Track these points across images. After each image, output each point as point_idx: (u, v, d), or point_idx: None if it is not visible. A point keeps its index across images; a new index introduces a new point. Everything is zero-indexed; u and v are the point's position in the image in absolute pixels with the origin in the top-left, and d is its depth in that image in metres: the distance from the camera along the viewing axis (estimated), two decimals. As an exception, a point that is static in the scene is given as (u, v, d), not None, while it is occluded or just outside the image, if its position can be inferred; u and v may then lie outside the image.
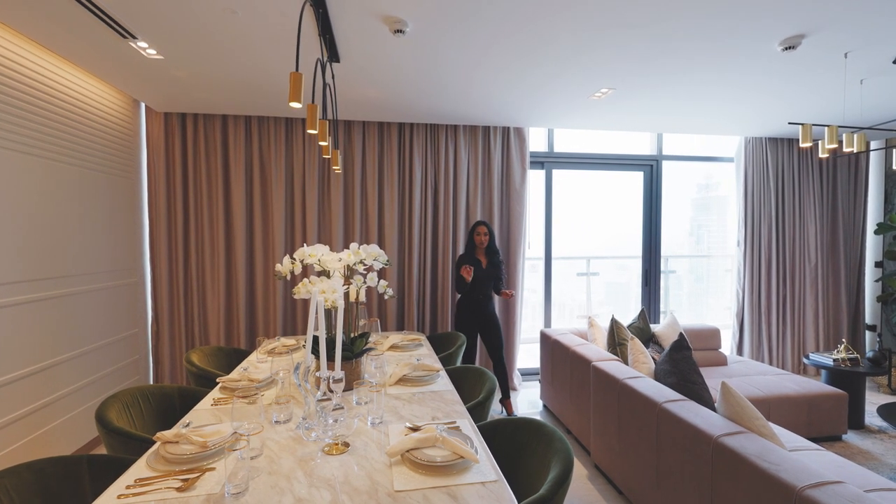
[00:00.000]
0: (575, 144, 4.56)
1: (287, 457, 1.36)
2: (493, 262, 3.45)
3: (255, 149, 3.73)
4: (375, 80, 2.90)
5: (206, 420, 1.64)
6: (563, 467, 1.30)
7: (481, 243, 3.41)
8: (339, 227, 3.85)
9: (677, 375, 2.23)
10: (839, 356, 3.43)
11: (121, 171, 3.27)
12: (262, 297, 3.79)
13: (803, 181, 4.58)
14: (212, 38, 2.27)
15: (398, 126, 3.92)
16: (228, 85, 2.96)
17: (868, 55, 2.56)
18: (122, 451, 1.62)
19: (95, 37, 2.28)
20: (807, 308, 4.59)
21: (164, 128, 3.59)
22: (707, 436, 1.69)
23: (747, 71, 2.79)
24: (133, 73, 2.78)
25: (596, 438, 2.60)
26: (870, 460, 2.81)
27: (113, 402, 1.81)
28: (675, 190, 4.87)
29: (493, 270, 3.45)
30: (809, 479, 1.33)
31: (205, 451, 1.33)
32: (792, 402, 2.98)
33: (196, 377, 2.37)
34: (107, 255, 3.10)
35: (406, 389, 1.98)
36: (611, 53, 2.52)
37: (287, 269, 1.97)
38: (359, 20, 2.08)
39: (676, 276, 5.55)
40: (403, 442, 1.35)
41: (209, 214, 3.70)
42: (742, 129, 4.20)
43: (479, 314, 3.44)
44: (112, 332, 3.15)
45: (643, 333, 3.39)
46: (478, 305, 3.43)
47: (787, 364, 4.56)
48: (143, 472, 1.27)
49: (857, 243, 4.74)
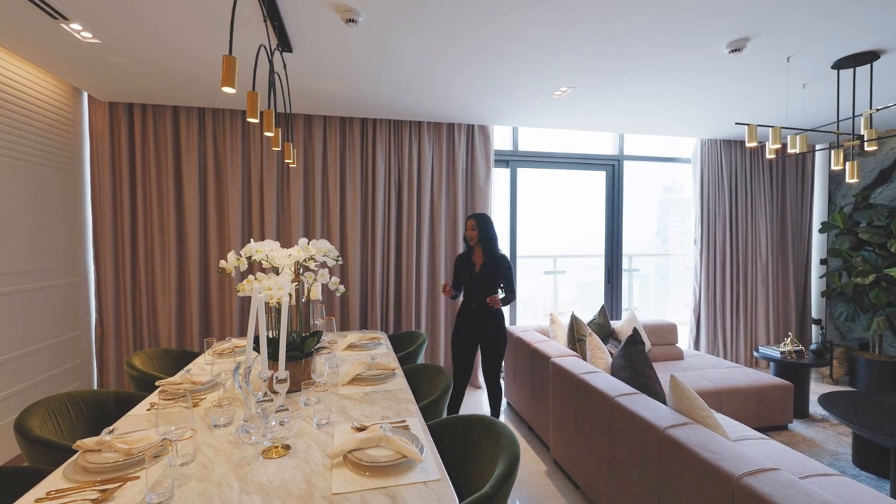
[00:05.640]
0: (540, 143, 4.60)
1: (222, 462, 1.29)
2: (486, 264, 2.82)
3: (210, 143, 3.57)
4: (331, 72, 2.82)
5: (139, 426, 1.54)
6: (508, 464, 1.28)
7: (471, 239, 2.85)
8: (300, 225, 3.74)
9: (631, 370, 2.27)
10: (786, 349, 3.59)
11: (59, 163, 3.06)
12: (216, 297, 3.64)
13: (755, 182, 4.78)
14: (148, 20, 2.14)
15: (360, 121, 3.84)
16: (172, 73, 2.81)
17: (809, 59, 2.68)
18: (44, 463, 1.50)
19: (22, 17, 2.12)
20: (758, 303, 4.80)
21: (109, 118, 3.39)
22: (655, 428, 1.71)
23: (698, 72, 2.87)
24: (69, 58, 2.60)
25: (555, 434, 2.62)
26: (812, 447, 2.94)
27: (37, 409, 1.68)
28: (641, 191, 5.00)
29: (485, 275, 2.80)
30: (747, 467, 1.37)
31: (129, 459, 1.24)
32: (742, 394, 3.09)
33: (138, 381, 2.23)
34: (42, 252, 2.89)
35: (359, 389, 1.93)
36: (565, 51, 2.54)
37: (232, 266, 1.87)
38: (307, 6, 2.01)
39: (643, 275, 5.70)
40: (346, 443, 1.31)
41: (159, 211, 3.52)
42: (697, 130, 4.35)
43: (474, 325, 2.86)
44: (49, 335, 2.95)
45: (603, 329, 3.45)
46: (472, 315, 2.86)
47: (741, 357, 4.75)
48: (59, 484, 1.18)
49: (804, 241, 4.98)
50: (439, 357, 4.01)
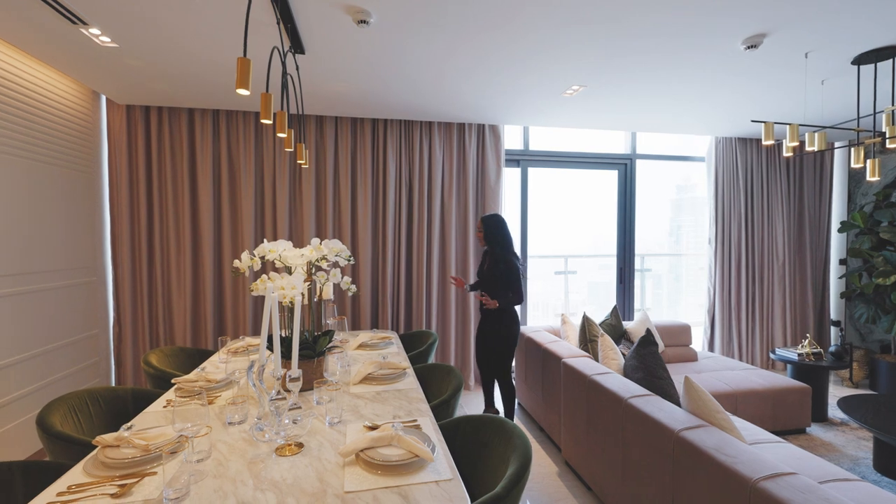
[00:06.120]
0: (551, 143, 4.57)
1: (236, 459, 1.31)
2: (491, 265, 2.91)
3: (224, 144, 3.62)
4: (343, 73, 2.84)
5: (156, 423, 1.57)
6: (519, 464, 1.28)
7: (480, 241, 2.98)
8: (311, 225, 3.77)
9: (644, 371, 2.24)
10: (803, 351, 3.52)
11: (79, 166, 3.13)
12: (230, 296, 3.69)
13: (771, 180, 4.69)
14: (167, 25, 2.19)
15: (372, 122, 3.86)
16: (188, 76, 2.86)
17: (828, 55, 2.62)
18: (65, 458, 1.53)
19: (44, 23, 2.17)
20: (775, 304, 4.70)
21: (127, 121, 3.46)
22: (669, 430, 1.69)
23: (713, 69, 2.83)
24: (88, 62, 2.66)
25: (566, 435, 2.60)
26: (831, 452, 2.88)
27: (58, 405, 1.72)
28: (653, 190, 4.94)
29: (489, 275, 2.91)
30: (764, 471, 1.34)
31: (147, 455, 1.26)
32: (758, 397, 3.03)
33: (154, 379, 2.27)
34: (64, 252, 2.96)
35: (370, 388, 1.94)
36: (577, 50, 2.52)
37: (246, 266, 1.90)
38: (319, 8, 2.03)
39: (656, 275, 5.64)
40: (357, 441, 1.31)
41: (175, 211, 3.58)
42: (712, 128, 4.28)
43: (482, 323, 2.99)
44: (69, 333, 3.02)
45: (615, 330, 3.42)
46: (482, 314, 3.00)
47: (756, 359, 4.66)
48: (79, 479, 1.20)
49: (822, 241, 4.87)
50: (450, 357, 4.02)
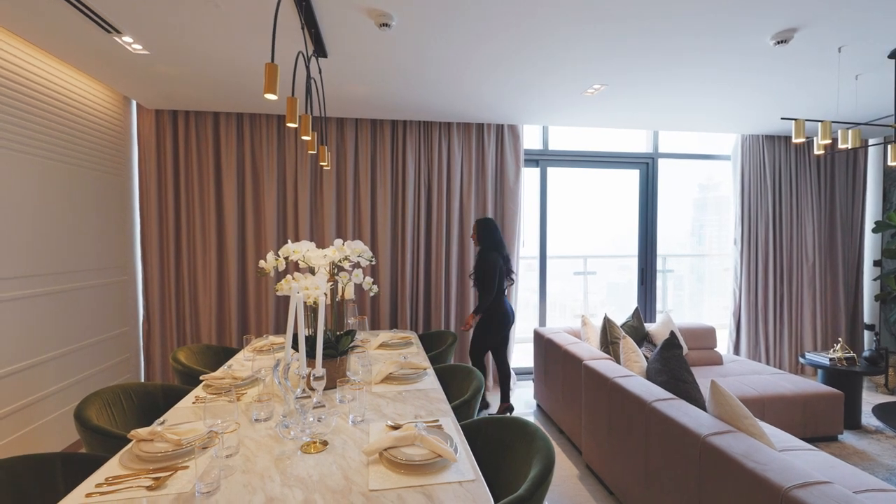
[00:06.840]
0: (570, 142, 4.53)
1: (263, 455, 1.34)
2: (475, 263, 3.42)
3: (247, 147, 3.71)
4: (364, 76, 2.87)
5: (186, 418, 1.62)
6: (543, 466, 1.27)
7: (474, 242, 3.48)
8: (332, 225, 3.83)
9: (668, 374, 2.20)
10: (835, 356, 3.39)
11: (111, 169, 3.25)
12: (254, 295, 3.77)
13: (801, 179, 4.54)
14: (195, 32, 2.25)
15: (391, 123, 3.89)
16: (215, 81, 2.94)
17: (862, 49, 2.52)
18: (100, 450, 1.60)
19: (80, 32, 2.26)
20: (804, 307, 4.55)
21: (156, 125, 3.57)
22: (695, 435, 1.66)
23: (740, 66, 2.75)
24: (120, 68, 2.75)
25: (587, 438, 2.58)
26: (865, 461, 2.77)
27: (94, 399, 1.79)
28: (675, 190, 4.84)
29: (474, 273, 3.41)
30: (796, 480, 1.30)
31: (179, 450, 1.31)
32: (787, 402, 2.94)
33: (182, 375, 2.34)
34: (96, 252, 3.08)
35: (391, 387, 1.96)
36: (600, 48, 2.49)
37: (271, 266, 1.94)
38: (343, 13, 2.06)
39: (678, 276, 5.52)
40: (381, 440, 1.33)
41: (201, 212, 3.68)
42: (738, 126, 4.17)
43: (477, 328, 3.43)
44: (101, 330, 3.13)
45: (637, 332, 3.36)
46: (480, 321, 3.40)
47: (785, 363, 4.52)
48: (116, 471, 1.25)
49: (855, 242, 4.69)
50: (468, 357, 4.01)
